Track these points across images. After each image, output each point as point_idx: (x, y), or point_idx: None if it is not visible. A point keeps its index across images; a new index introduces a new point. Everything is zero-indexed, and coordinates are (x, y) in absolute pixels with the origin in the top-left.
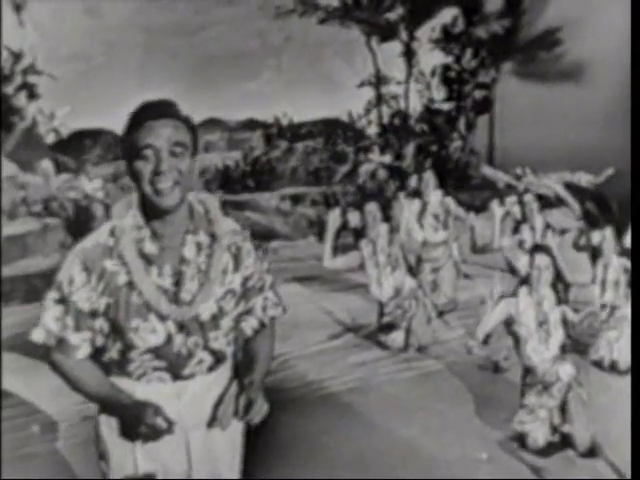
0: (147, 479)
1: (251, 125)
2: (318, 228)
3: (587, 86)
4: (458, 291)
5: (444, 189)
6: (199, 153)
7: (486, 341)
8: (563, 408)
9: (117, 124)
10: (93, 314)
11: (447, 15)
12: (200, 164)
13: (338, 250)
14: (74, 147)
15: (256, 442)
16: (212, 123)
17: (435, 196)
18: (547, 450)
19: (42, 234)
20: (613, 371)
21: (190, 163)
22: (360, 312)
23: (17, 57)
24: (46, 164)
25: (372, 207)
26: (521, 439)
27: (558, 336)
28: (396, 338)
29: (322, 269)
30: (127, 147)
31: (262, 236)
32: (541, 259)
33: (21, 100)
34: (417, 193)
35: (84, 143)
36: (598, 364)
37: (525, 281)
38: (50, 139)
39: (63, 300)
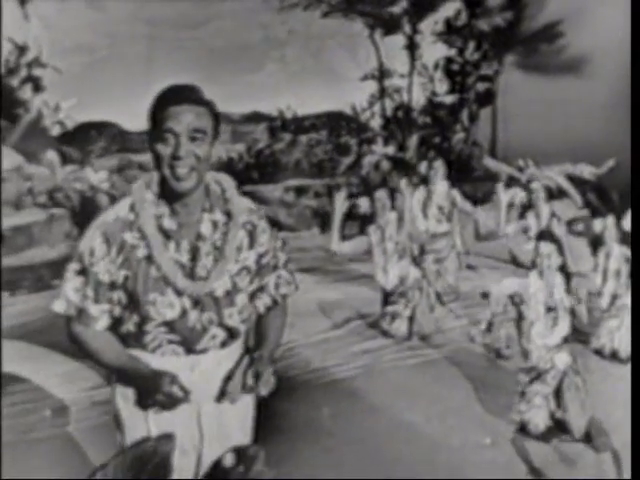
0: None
1: (255, 118)
2: (322, 219)
3: (588, 78)
4: (461, 281)
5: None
6: (217, 138)
7: (488, 329)
8: (558, 395)
9: (122, 116)
10: (112, 286)
11: (450, 8)
12: None
13: (345, 237)
14: (79, 139)
15: (261, 426)
16: None
17: (442, 186)
18: (547, 435)
19: (48, 224)
20: (614, 359)
21: (209, 149)
22: (363, 302)
23: (22, 50)
24: (51, 155)
25: (382, 194)
26: (522, 425)
27: (565, 326)
28: (399, 327)
29: (326, 260)
30: (150, 128)
31: None
32: (545, 246)
33: (26, 93)
34: (424, 180)
35: (89, 135)
36: (599, 352)
37: (534, 266)
38: (55, 131)
39: (84, 271)
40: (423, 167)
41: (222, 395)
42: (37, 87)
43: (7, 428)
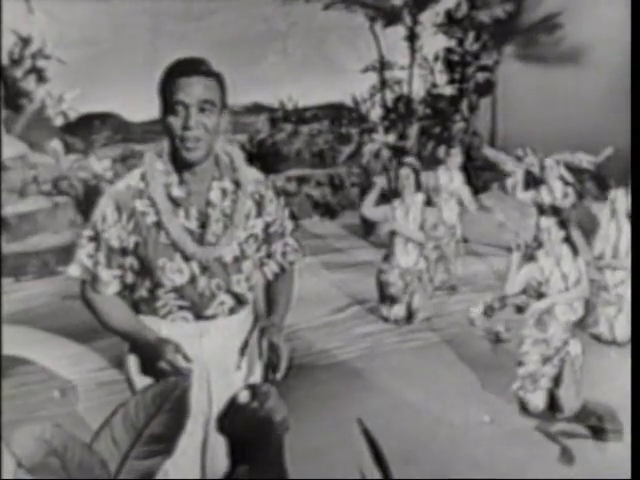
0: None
1: (256, 109)
2: (323, 208)
3: (587, 68)
4: (461, 267)
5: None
6: (226, 108)
7: (487, 313)
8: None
9: (125, 108)
10: (124, 252)
11: (451, 0)
12: None
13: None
14: (82, 129)
15: None
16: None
17: (458, 177)
18: (546, 413)
19: (52, 212)
20: (612, 344)
21: (217, 119)
22: (364, 287)
23: (26, 42)
24: (55, 144)
25: (407, 171)
26: (522, 405)
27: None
28: (399, 312)
29: (327, 247)
30: (161, 101)
31: None
32: (545, 221)
33: (30, 84)
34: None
35: (92, 125)
36: (597, 338)
37: (539, 245)
38: (59, 121)
39: (96, 237)
40: (441, 152)
41: (239, 367)
42: (41, 78)
43: (15, 408)
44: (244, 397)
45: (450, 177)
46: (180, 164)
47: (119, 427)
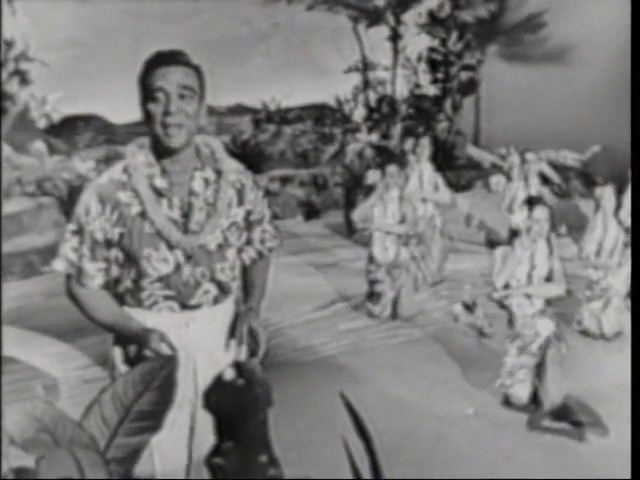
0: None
1: (239, 110)
2: (307, 208)
3: (572, 67)
4: (445, 264)
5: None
6: (205, 100)
7: (468, 308)
8: (540, 367)
9: (108, 109)
10: (108, 244)
11: (434, 0)
12: None
13: None
14: (66, 131)
15: None
16: None
17: (426, 168)
18: (530, 406)
19: (37, 213)
20: (600, 338)
21: (197, 107)
22: (347, 285)
23: (9, 45)
24: (39, 145)
25: (393, 169)
26: (506, 398)
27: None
28: (384, 308)
29: (310, 245)
30: (141, 91)
31: None
32: (541, 211)
33: (13, 86)
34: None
35: (76, 127)
36: (584, 333)
37: (516, 235)
38: (42, 124)
39: (80, 231)
40: (409, 145)
41: (228, 347)
42: (24, 80)
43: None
44: (229, 374)
45: (420, 169)
46: (161, 152)
47: (108, 404)
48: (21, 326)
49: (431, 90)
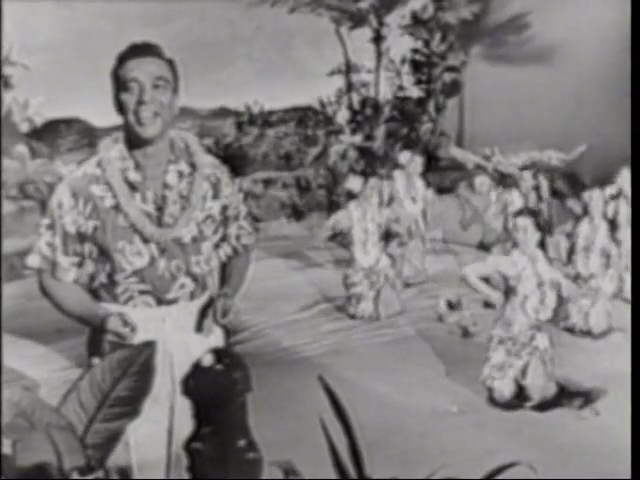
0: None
1: (222, 113)
2: (290, 210)
3: (556, 68)
4: (427, 264)
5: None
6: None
7: (452, 307)
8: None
9: (90, 113)
10: (82, 238)
11: (417, 2)
12: None
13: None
14: (49, 134)
15: None
16: (183, 112)
17: (419, 183)
18: (511, 403)
19: (19, 216)
20: (586, 335)
21: (171, 97)
22: (330, 286)
23: None
24: (21, 148)
25: (375, 182)
26: (488, 393)
27: (552, 297)
28: (365, 309)
29: (293, 247)
30: (114, 83)
31: None
32: (522, 220)
33: None
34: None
35: (59, 130)
36: (569, 330)
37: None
38: (25, 127)
39: (53, 225)
40: (404, 158)
41: (199, 330)
42: (6, 84)
43: None
44: (208, 360)
45: (410, 183)
46: (135, 144)
47: (86, 390)
48: (3, 329)
49: (414, 92)
